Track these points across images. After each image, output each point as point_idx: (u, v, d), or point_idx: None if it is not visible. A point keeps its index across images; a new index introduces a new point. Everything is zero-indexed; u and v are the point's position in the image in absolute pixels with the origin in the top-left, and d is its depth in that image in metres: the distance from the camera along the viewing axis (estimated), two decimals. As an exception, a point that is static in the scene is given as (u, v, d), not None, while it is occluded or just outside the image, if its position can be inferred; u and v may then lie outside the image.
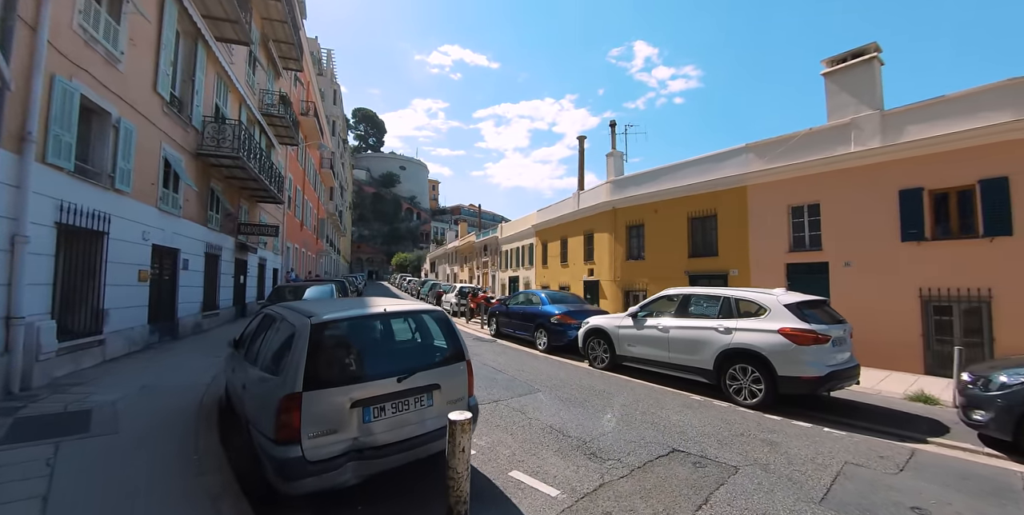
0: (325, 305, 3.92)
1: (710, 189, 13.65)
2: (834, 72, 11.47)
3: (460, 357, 3.65)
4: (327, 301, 4.38)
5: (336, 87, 42.79)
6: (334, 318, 3.25)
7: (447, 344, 3.71)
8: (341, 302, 4.26)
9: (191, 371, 6.80)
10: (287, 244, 22.36)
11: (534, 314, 10.20)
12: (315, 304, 3.99)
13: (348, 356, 3.29)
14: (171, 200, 9.66)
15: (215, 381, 6.28)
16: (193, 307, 10.89)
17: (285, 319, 3.53)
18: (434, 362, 3.53)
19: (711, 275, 13.50)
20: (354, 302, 4.10)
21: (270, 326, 3.87)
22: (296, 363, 2.92)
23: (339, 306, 3.67)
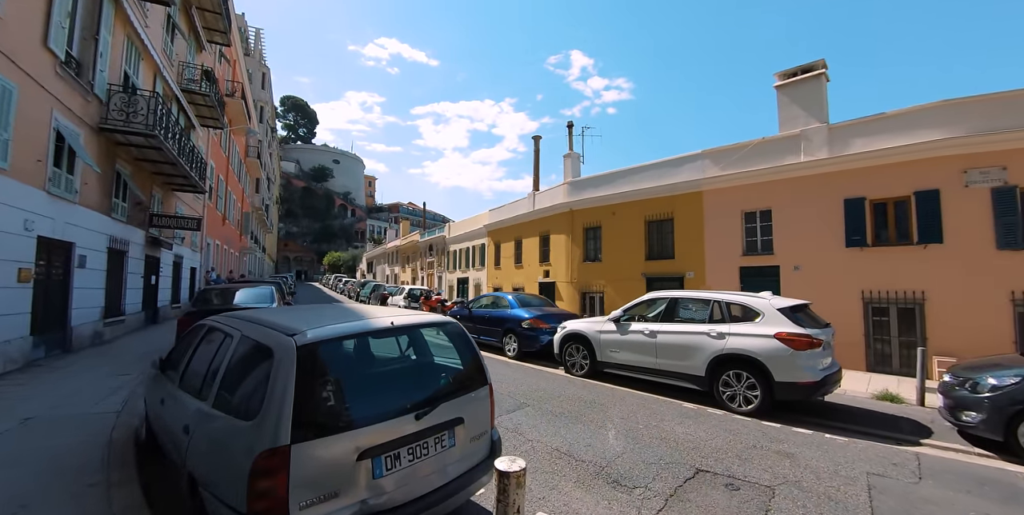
0: (297, 316, 3.07)
1: (667, 193, 13.86)
2: (785, 85, 12.03)
3: (483, 380, 2.96)
4: (294, 311, 3.47)
5: (265, 70, 39.27)
6: (327, 336, 2.40)
7: (466, 365, 3.00)
8: (314, 312, 3.37)
9: (92, 395, 5.40)
10: (207, 240, 19.84)
11: (502, 318, 9.59)
12: (282, 315, 3.10)
13: (350, 388, 2.48)
14: (64, 182, 7.88)
15: (128, 408, 5.00)
16: (91, 313, 9.01)
17: (248, 337, 2.61)
18: (455, 389, 2.81)
19: (668, 277, 13.69)
20: (333, 312, 3.26)
21: (220, 345, 2.92)
22: (279, 403, 2.08)
23: (318, 318, 2.84)
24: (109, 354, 8.15)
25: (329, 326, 2.50)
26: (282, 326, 2.46)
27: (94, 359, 7.63)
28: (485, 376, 2.98)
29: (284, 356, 2.20)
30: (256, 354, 2.45)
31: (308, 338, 2.29)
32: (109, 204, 9.76)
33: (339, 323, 2.57)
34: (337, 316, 2.88)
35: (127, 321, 10.77)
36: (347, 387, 2.46)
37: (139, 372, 6.65)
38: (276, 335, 2.39)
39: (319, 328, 2.42)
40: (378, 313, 3.00)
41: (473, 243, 25.05)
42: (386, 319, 2.75)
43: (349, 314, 3.03)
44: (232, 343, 2.69)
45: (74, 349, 8.24)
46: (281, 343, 2.29)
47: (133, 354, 8.19)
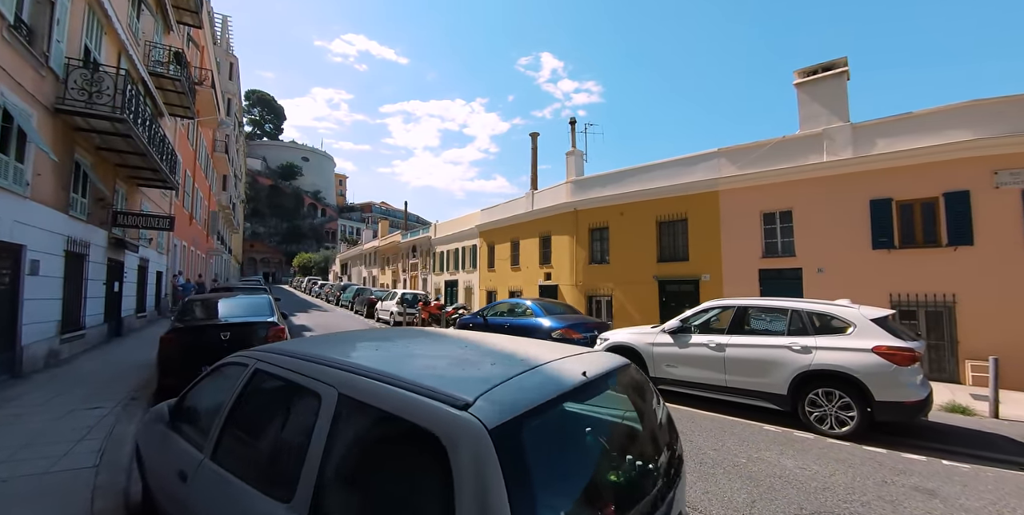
0: (402, 354, 2.15)
1: (680, 193, 13.35)
2: (806, 83, 11.70)
3: (677, 437, 2.12)
4: (372, 341, 2.52)
5: (233, 60, 36.88)
6: (523, 406, 1.44)
7: (667, 422, 2.13)
8: (409, 342, 2.42)
9: (57, 442, 4.21)
10: (174, 241, 18.04)
11: (526, 328, 8.73)
12: (375, 353, 2.17)
13: (582, 481, 1.57)
14: (13, 172, 6.50)
15: (108, 460, 3.87)
16: (46, 328, 7.58)
17: (360, 403, 1.62)
18: (675, 459, 1.94)
19: (682, 280, 13.18)
20: (439, 345, 2.36)
21: (293, 407, 1.98)
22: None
23: (443, 360, 1.94)
24: (70, 378, 6.80)
25: (506, 386, 1.56)
26: (425, 387, 1.52)
27: (52, 386, 6.29)
28: (677, 434, 2.13)
29: (471, 448, 1.27)
30: (390, 435, 1.54)
31: (497, 413, 1.37)
32: (67, 200, 8.31)
33: (509, 376, 1.65)
34: (466, 357, 1.98)
35: (88, 335, 9.28)
36: (577, 480, 1.55)
37: (116, 404, 5.43)
38: (430, 407, 1.42)
39: (495, 391, 1.49)
40: (522, 348, 2.11)
41: (463, 244, 24.02)
42: (562, 363, 1.85)
43: (476, 349, 2.13)
44: (323, 408, 1.72)
45: (25, 373, 6.83)
46: (455, 425, 1.33)
47: (100, 378, 6.87)
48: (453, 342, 2.38)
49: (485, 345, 2.23)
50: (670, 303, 13.40)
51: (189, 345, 5.79)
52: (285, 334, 6.52)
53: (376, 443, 1.59)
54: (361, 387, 1.65)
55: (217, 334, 5.93)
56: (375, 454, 1.58)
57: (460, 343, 2.31)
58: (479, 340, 2.38)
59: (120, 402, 5.53)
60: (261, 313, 6.73)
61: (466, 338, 2.46)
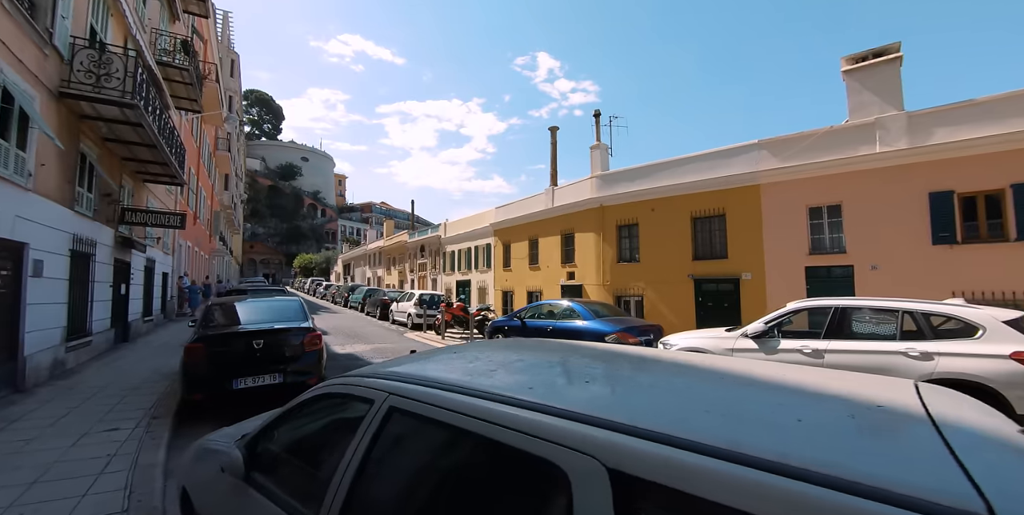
0: (691, 393, 1.44)
1: (718, 187, 12.68)
2: (855, 70, 11.05)
3: None
4: (601, 364, 1.77)
5: (234, 56, 36.08)
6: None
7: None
8: (668, 375, 1.67)
9: (72, 476, 3.50)
10: (180, 241, 17.29)
11: (573, 332, 8.04)
12: (648, 392, 1.43)
13: None
14: (14, 161, 5.78)
15: (139, 506, 3.15)
16: (50, 336, 6.85)
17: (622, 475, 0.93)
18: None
19: (720, 279, 12.51)
20: (696, 373, 1.64)
21: (485, 475, 1.29)
22: None
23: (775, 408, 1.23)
24: (79, 392, 6.07)
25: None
26: (877, 487, 0.77)
27: (60, 402, 5.57)
28: None
29: None
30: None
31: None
32: (72, 194, 7.58)
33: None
34: (761, 399, 1.29)
35: (94, 342, 8.55)
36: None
37: (136, 425, 4.72)
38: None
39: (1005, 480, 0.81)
40: (822, 382, 1.42)
41: (476, 243, 23.31)
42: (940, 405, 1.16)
43: (734, 382, 1.43)
44: (580, 493, 1.00)
45: (29, 387, 6.11)
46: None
47: (113, 391, 6.15)
48: (675, 368, 1.67)
49: (742, 375, 1.53)
50: (707, 303, 12.75)
51: (218, 355, 5.08)
52: (321, 341, 5.82)
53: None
54: (682, 472, 0.92)
55: (249, 342, 5.23)
56: None
57: (692, 370, 1.61)
58: (714, 367, 1.67)
59: (140, 422, 4.81)
60: (294, 318, 6.02)
61: (691, 364, 1.75)
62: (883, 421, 1.16)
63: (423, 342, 12.57)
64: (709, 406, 1.23)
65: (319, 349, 5.75)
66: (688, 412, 1.18)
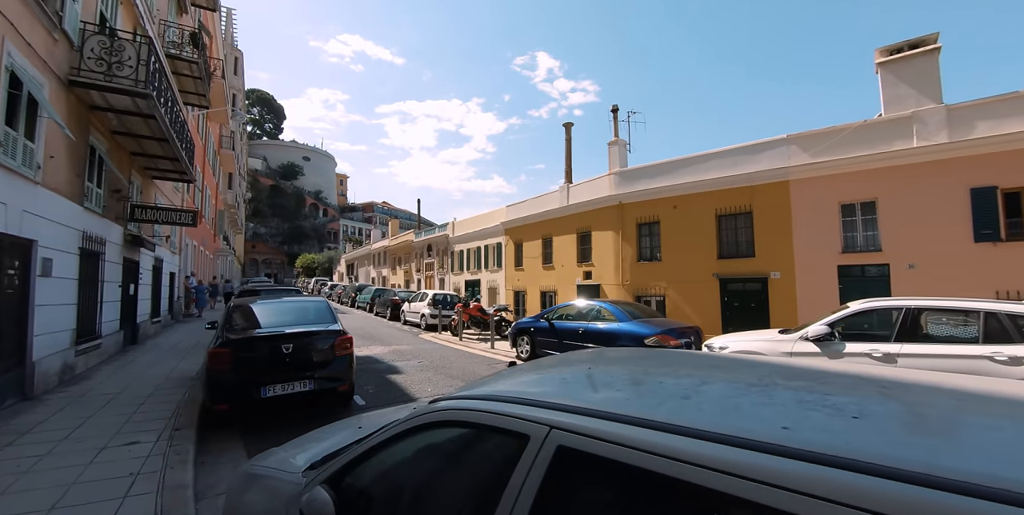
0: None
1: (744, 183, 12.27)
2: (891, 62, 10.65)
3: None
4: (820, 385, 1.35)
5: (238, 54, 35.64)
6: None
7: None
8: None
9: (91, 498, 3.10)
10: (186, 240, 16.89)
11: (609, 334, 7.64)
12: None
13: None
14: (22, 151, 5.38)
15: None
16: (60, 339, 6.45)
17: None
18: None
19: (747, 278, 12.11)
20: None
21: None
22: None
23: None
24: (91, 400, 5.67)
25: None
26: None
27: (72, 411, 5.17)
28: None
29: None
30: None
31: None
32: (81, 189, 7.18)
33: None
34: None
35: (104, 345, 8.15)
36: None
37: (157, 437, 4.31)
38: None
39: None
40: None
41: (485, 242, 22.91)
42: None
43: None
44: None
45: (37, 394, 5.71)
46: None
47: (126, 398, 5.75)
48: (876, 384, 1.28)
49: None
50: (733, 303, 12.36)
51: (245, 361, 4.69)
52: (352, 345, 5.42)
53: None
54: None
55: (278, 347, 4.83)
56: None
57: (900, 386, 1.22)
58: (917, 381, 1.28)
59: (161, 434, 4.41)
60: (321, 319, 5.62)
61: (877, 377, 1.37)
62: None
63: (440, 343, 12.18)
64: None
65: (350, 353, 5.36)
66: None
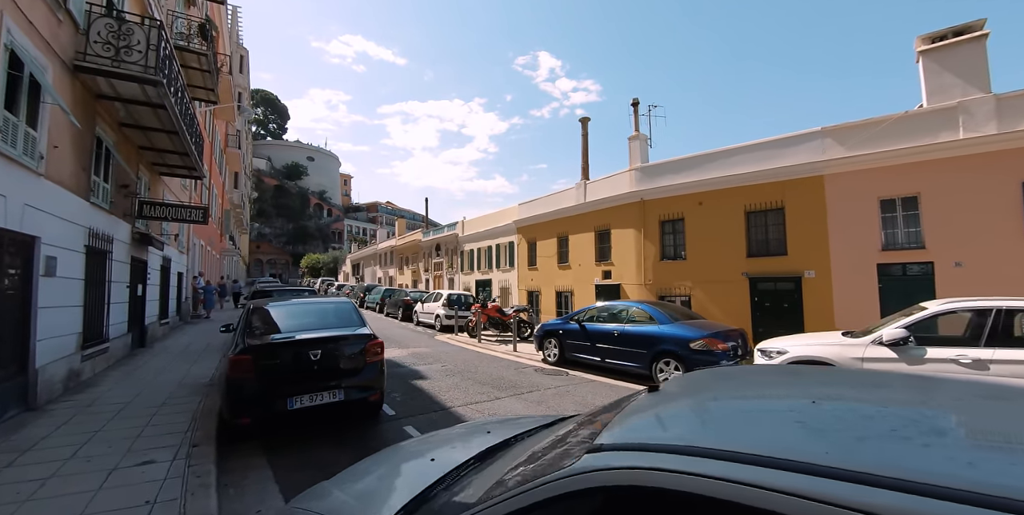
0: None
1: (775, 178, 11.74)
2: (934, 50, 10.12)
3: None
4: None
5: (243, 52, 35.28)
6: None
7: None
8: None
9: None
10: (194, 240, 16.48)
11: (649, 337, 7.15)
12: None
13: None
14: (23, 139, 4.94)
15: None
16: (64, 343, 6.01)
17: None
18: None
19: (779, 277, 11.58)
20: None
21: None
22: None
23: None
24: (99, 410, 5.22)
25: None
26: None
27: (78, 424, 4.72)
28: None
29: None
30: None
31: None
32: (88, 183, 6.74)
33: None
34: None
35: (111, 348, 7.71)
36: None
37: (173, 455, 3.85)
38: None
39: None
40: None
41: (497, 241, 22.44)
42: None
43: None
44: None
45: (41, 404, 5.26)
46: None
47: (137, 409, 5.30)
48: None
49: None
50: (764, 303, 11.84)
51: (269, 369, 4.22)
52: (383, 350, 4.96)
53: None
54: None
55: (305, 353, 4.36)
56: None
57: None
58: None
59: (177, 452, 3.95)
60: (348, 322, 5.15)
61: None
62: None
63: (459, 345, 11.71)
64: None
65: (381, 360, 4.90)
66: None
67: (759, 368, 2.04)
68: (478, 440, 2.18)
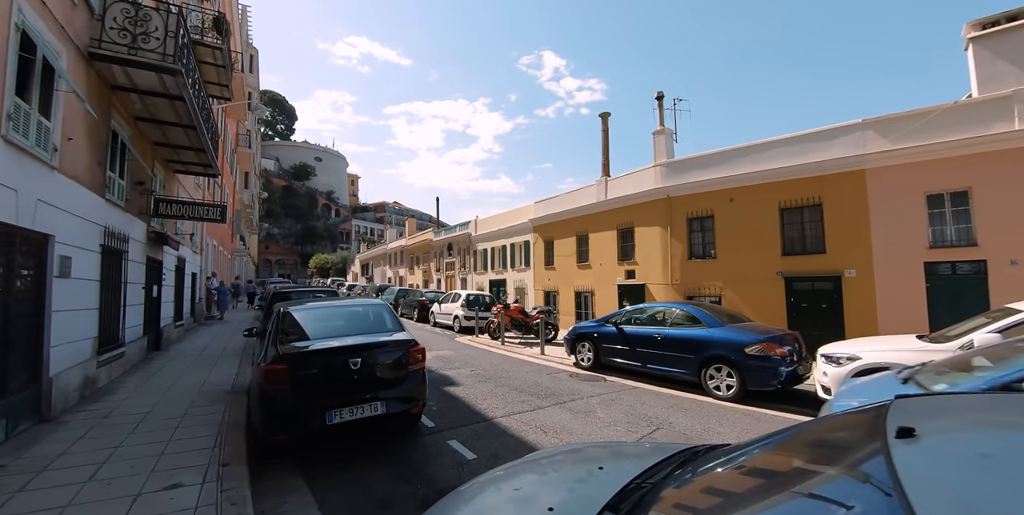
0: None
1: (812, 173, 11.22)
2: (985, 37, 9.56)
3: None
4: None
5: (253, 52, 35.07)
6: None
7: None
8: None
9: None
10: (207, 240, 16.19)
11: (699, 341, 6.67)
12: None
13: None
14: (36, 129, 4.57)
15: None
16: (79, 349, 5.65)
17: None
18: None
19: (817, 277, 11.06)
20: None
21: None
22: None
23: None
24: (117, 422, 4.85)
25: None
26: None
27: (97, 438, 4.34)
28: None
29: None
30: None
31: None
32: (103, 179, 6.38)
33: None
34: None
35: (127, 353, 7.36)
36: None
37: (201, 476, 3.45)
38: None
39: None
40: None
41: (512, 240, 22.01)
42: None
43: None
44: None
45: (55, 415, 4.89)
46: None
47: (158, 420, 4.92)
48: None
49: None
50: (801, 303, 11.31)
51: (307, 380, 3.81)
52: (425, 358, 4.54)
53: None
54: None
55: (345, 362, 3.95)
56: None
57: None
58: None
59: (206, 472, 3.56)
60: (385, 327, 4.75)
61: None
62: None
63: (483, 348, 11.29)
64: None
65: (423, 368, 4.48)
66: None
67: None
68: (595, 481, 1.75)
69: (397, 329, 4.73)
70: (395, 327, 4.75)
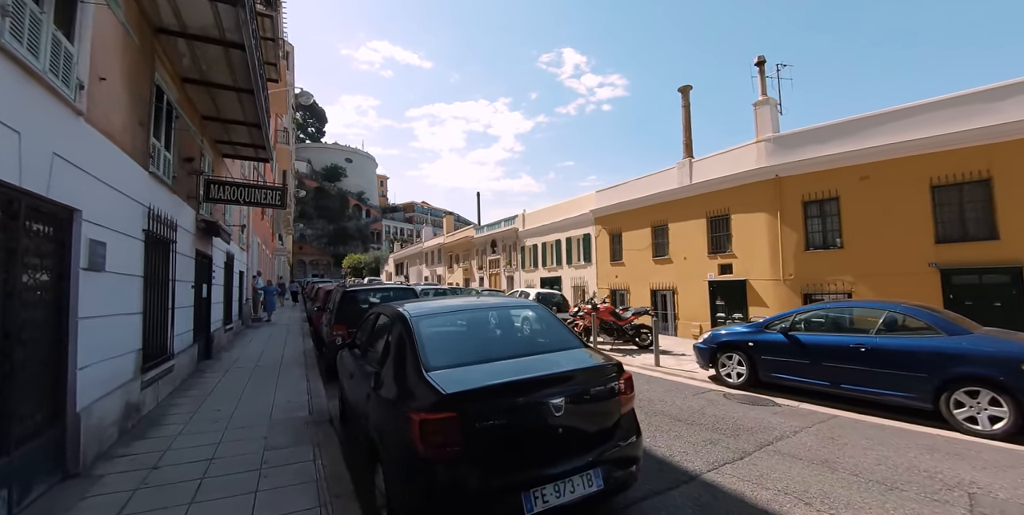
0: None
1: (977, 141, 9.05)
2: None
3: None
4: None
5: (289, 48, 34.38)
6: None
7: None
8: None
9: None
10: (252, 236, 15.08)
11: (933, 354, 4.79)
12: None
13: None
14: (48, 47, 3.10)
15: None
16: (119, 368, 4.22)
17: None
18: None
19: (985, 269, 8.89)
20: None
21: None
22: None
23: None
24: (170, 473, 3.38)
25: None
26: None
27: (144, 510, 2.85)
28: None
29: None
30: None
31: None
32: (146, 146, 4.99)
33: None
34: None
35: (176, 366, 5.99)
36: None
37: None
38: None
39: None
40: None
41: (567, 235, 20.25)
42: None
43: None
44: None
45: (85, 467, 3.45)
46: None
47: (228, 476, 3.42)
48: None
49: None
50: (963, 301, 9.13)
51: (491, 437, 2.19)
52: (633, 389, 2.86)
53: None
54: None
55: (543, 404, 2.32)
56: None
57: None
58: None
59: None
60: (557, 342, 3.09)
61: None
62: None
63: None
64: None
65: (632, 407, 2.82)
66: None
67: None
68: None
69: (576, 344, 3.08)
70: (574, 342, 3.09)
